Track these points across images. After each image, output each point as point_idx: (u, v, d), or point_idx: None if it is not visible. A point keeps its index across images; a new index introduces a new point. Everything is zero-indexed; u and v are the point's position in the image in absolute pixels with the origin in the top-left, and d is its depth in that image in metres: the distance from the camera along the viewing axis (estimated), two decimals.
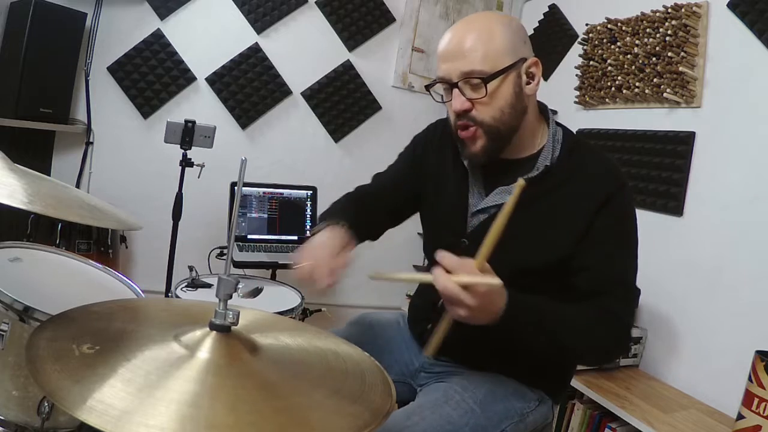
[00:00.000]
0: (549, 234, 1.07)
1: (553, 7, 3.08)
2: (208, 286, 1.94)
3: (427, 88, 1.15)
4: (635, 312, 1.13)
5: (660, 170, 2.30)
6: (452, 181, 1.22)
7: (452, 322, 0.94)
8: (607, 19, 2.60)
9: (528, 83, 1.09)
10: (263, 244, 2.58)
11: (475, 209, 1.16)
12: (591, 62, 2.67)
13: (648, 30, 2.36)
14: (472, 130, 1.08)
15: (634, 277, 1.12)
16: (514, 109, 1.07)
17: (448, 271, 0.89)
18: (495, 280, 0.88)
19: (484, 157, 1.11)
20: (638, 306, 1.17)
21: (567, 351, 1.06)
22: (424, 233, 1.34)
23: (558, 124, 1.16)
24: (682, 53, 2.19)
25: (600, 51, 2.62)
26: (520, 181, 0.90)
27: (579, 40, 2.79)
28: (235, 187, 2.28)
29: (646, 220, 2.33)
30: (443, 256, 0.90)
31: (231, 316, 0.80)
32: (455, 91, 1.07)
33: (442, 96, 1.14)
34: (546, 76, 3.06)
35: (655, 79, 2.31)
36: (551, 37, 3.05)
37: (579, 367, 2.10)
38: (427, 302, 1.26)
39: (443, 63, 1.08)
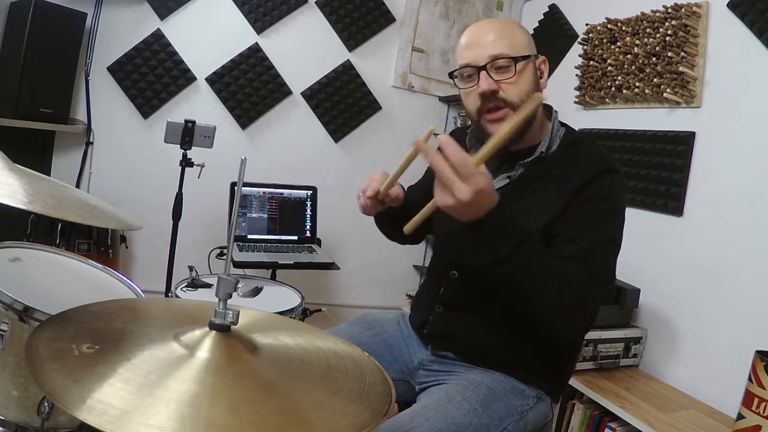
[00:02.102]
0: (535, 209, 1.11)
1: (553, 7, 3.08)
2: (208, 286, 1.94)
3: (451, 75, 1.19)
4: (598, 285, 1.07)
5: (660, 170, 2.30)
6: None
7: (436, 210, 0.96)
8: (607, 19, 2.60)
9: (540, 77, 1.17)
10: (263, 244, 2.58)
11: None
12: (591, 62, 2.67)
13: (648, 30, 2.36)
14: (503, 111, 1.12)
15: (609, 258, 1.10)
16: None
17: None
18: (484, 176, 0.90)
19: (511, 142, 1.12)
20: (604, 288, 1.10)
21: (527, 294, 1.01)
22: (434, 226, 1.34)
23: (563, 124, 1.23)
24: (682, 53, 2.19)
25: (600, 51, 2.62)
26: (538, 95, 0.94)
27: (579, 40, 2.79)
28: (235, 187, 2.28)
29: (646, 220, 2.33)
30: (447, 143, 0.89)
31: (231, 316, 0.80)
32: (482, 73, 1.11)
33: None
34: None
35: (655, 79, 2.31)
36: (551, 37, 3.05)
37: (579, 367, 2.11)
38: (429, 294, 1.30)
39: (468, 51, 1.13)
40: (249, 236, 2.59)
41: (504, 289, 1.04)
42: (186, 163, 2.37)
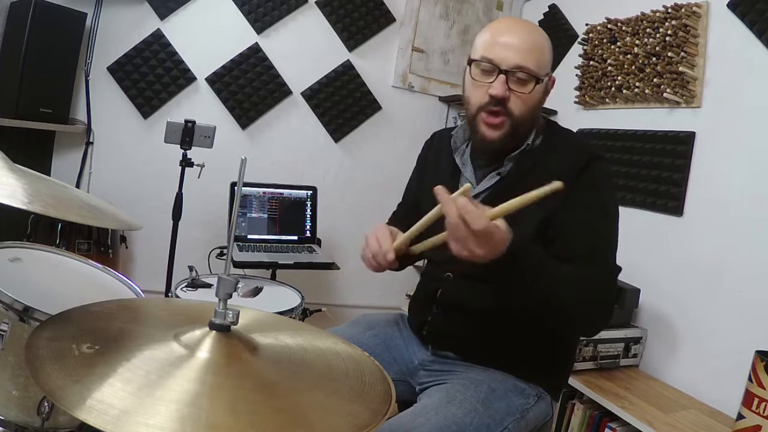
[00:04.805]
0: (526, 209, 1.10)
1: (553, 7, 3.08)
2: (208, 286, 1.94)
3: (469, 63, 1.17)
4: (614, 281, 1.13)
5: (660, 170, 2.30)
6: (446, 178, 1.28)
7: (443, 244, 0.96)
8: (607, 19, 2.60)
9: (546, 94, 1.20)
10: (263, 244, 2.58)
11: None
12: (591, 62, 2.67)
13: (648, 30, 2.36)
14: (502, 119, 1.14)
15: (611, 248, 1.13)
16: (535, 111, 1.17)
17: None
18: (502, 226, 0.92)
19: (498, 145, 1.17)
20: (617, 282, 1.17)
21: (556, 310, 1.04)
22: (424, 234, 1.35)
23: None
24: (682, 53, 2.19)
25: (600, 51, 2.62)
26: (558, 184, 0.89)
27: (579, 40, 2.79)
28: (235, 187, 2.28)
29: (646, 220, 2.33)
30: (456, 204, 0.89)
31: (231, 316, 0.80)
32: (501, 77, 1.11)
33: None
34: None
35: (655, 79, 2.31)
36: (551, 37, 3.02)
37: (579, 367, 2.11)
38: (426, 295, 1.30)
39: (499, 47, 1.12)
40: (249, 236, 2.58)
41: (522, 300, 1.06)
42: (186, 163, 2.36)
